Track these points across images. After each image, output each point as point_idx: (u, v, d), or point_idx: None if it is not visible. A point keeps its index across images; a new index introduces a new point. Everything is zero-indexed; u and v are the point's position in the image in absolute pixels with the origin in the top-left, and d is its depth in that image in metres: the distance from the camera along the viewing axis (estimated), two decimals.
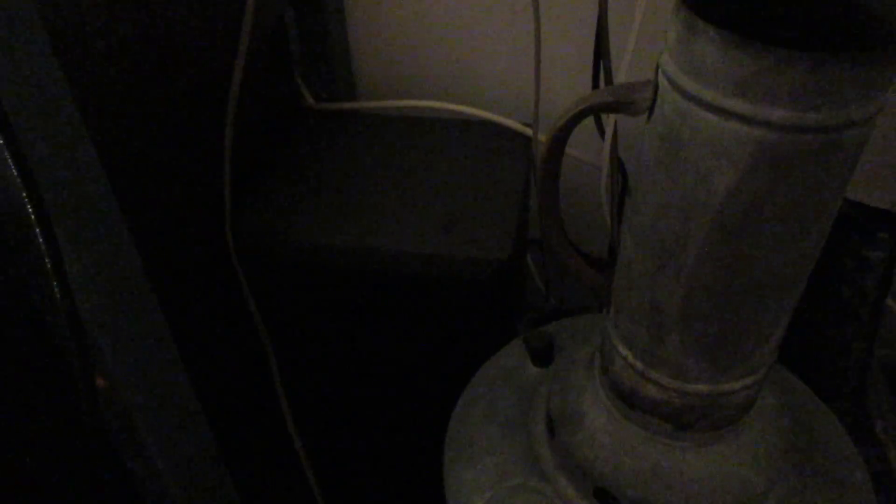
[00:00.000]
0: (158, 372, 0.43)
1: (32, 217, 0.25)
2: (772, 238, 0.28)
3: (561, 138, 0.33)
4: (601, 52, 0.55)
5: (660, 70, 0.29)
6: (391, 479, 0.77)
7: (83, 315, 0.35)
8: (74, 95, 0.33)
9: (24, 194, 0.25)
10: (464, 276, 0.56)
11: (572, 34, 0.71)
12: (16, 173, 0.27)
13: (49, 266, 0.25)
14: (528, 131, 0.67)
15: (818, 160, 0.26)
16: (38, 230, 0.25)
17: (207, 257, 0.59)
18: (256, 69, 0.63)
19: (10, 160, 0.27)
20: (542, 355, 0.46)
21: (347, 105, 0.75)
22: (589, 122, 0.57)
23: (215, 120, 0.59)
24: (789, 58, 0.24)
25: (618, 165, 0.61)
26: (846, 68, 0.24)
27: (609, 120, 0.61)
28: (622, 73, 0.57)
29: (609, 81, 0.53)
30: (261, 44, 0.64)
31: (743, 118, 0.26)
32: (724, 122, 0.26)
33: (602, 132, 0.62)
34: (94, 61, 0.44)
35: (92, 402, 0.35)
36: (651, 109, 0.30)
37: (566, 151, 0.35)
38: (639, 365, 0.34)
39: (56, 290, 0.25)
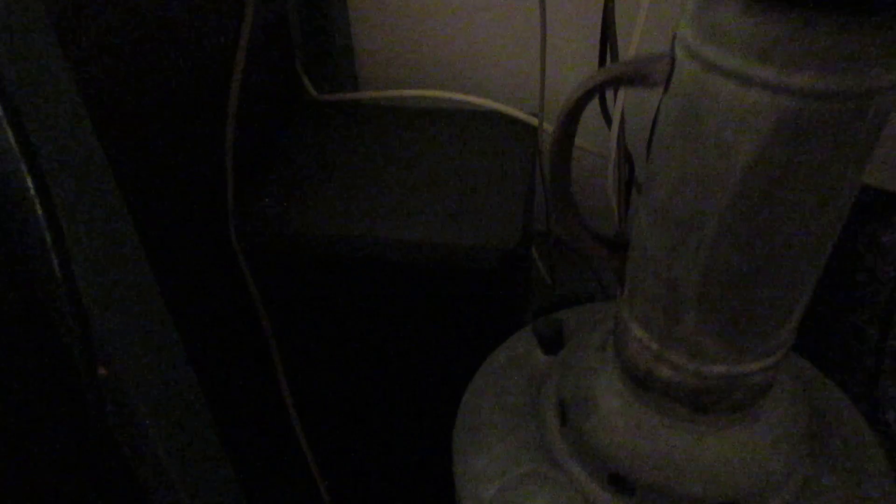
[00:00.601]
0: (161, 363, 0.42)
1: (32, 190, 0.24)
2: (793, 211, 0.28)
3: (576, 111, 0.32)
4: (608, 39, 0.54)
5: (676, 41, 0.28)
6: (400, 468, 0.76)
7: (86, 304, 0.34)
8: (77, 82, 0.33)
9: (24, 167, 0.24)
10: (471, 264, 0.55)
11: (578, 23, 0.70)
12: (17, 149, 0.26)
13: (49, 241, 0.24)
14: (534, 121, 0.66)
15: (842, 129, 0.26)
16: (37, 202, 0.24)
17: (210, 248, 0.59)
18: (259, 60, 0.63)
19: (12, 140, 0.27)
20: (552, 342, 0.46)
21: (350, 96, 0.74)
22: (594, 112, 0.56)
23: (218, 111, 0.58)
24: (814, 20, 0.23)
25: (624, 152, 0.60)
26: (873, 32, 0.23)
27: (616, 110, 0.60)
28: None
29: None
30: (263, 35, 0.64)
31: (765, 85, 0.25)
32: (745, 90, 0.25)
33: (608, 120, 0.61)
34: (96, 50, 0.43)
35: (94, 391, 0.34)
36: (668, 82, 0.29)
37: None
38: (654, 346, 0.34)
39: (56, 265, 0.25)
